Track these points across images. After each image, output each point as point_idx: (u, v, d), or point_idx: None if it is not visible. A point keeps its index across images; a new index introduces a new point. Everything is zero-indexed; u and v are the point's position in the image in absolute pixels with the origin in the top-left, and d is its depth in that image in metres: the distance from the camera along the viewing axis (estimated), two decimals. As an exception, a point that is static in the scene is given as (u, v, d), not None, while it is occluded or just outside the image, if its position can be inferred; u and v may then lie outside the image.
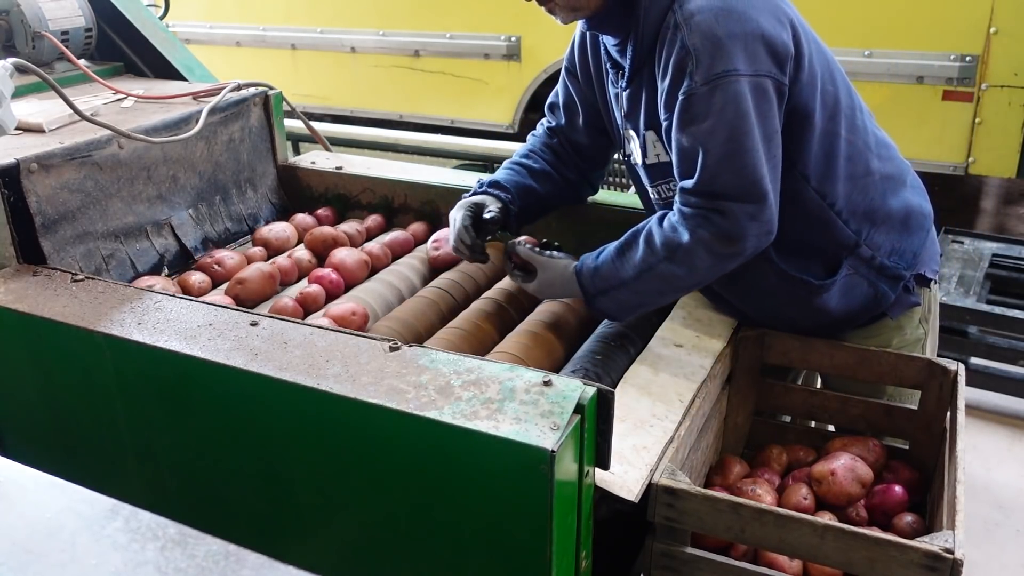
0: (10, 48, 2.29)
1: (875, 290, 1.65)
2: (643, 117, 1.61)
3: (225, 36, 6.14)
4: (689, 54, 1.41)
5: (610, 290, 1.59)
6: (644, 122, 1.61)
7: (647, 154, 1.64)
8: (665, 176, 1.63)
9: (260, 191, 2.28)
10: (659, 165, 1.63)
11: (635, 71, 1.58)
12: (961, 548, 1.18)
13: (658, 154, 1.62)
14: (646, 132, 1.62)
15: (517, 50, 5.14)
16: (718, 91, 1.40)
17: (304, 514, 1.41)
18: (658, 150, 1.61)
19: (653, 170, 1.65)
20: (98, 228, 1.82)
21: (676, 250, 1.50)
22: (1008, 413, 3.10)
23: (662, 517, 1.32)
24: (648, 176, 1.68)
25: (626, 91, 1.63)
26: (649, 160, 1.64)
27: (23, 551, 0.68)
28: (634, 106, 1.63)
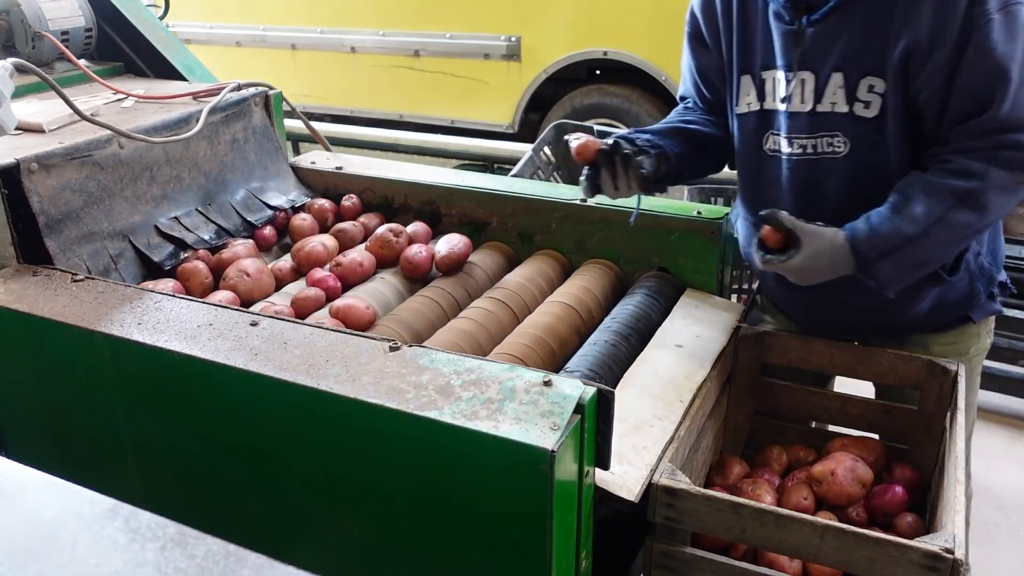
0: (10, 48, 2.29)
1: (972, 288, 1.62)
2: (837, 56, 1.49)
3: (225, 36, 6.14)
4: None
5: (893, 251, 1.45)
6: (835, 63, 1.50)
7: (821, 100, 1.52)
8: (832, 130, 1.52)
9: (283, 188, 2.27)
10: (831, 115, 1.52)
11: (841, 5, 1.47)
12: (961, 548, 1.18)
13: (834, 103, 1.51)
14: (833, 74, 1.50)
15: (517, 50, 5.14)
16: (1012, 16, 1.36)
17: (304, 514, 1.41)
18: (836, 98, 1.51)
19: (819, 120, 1.54)
20: (104, 228, 1.82)
21: (968, 194, 1.40)
22: (1008, 413, 3.10)
23: (662, 517, 1.32)
24: (808, 126, 1.55)
25: (816, 26, 1.50)
26: (822, 107, 1.53)
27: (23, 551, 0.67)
28: (824, 43, 1.50)
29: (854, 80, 1.49)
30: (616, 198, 1.70)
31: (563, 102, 5.18)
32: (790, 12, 1.54)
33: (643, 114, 4.94)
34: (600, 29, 4.90)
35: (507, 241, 2.12)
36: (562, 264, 2.05)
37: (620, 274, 2.01)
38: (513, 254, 2.11)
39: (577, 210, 2.03)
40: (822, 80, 1.52)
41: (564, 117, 4.56)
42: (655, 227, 1.94)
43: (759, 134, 1.64)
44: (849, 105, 1.51)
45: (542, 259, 2.03)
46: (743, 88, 1.65)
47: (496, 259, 2.06)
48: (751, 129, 1.66)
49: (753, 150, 1.66)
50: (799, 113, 1.56)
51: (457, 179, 2.24)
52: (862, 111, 1.50)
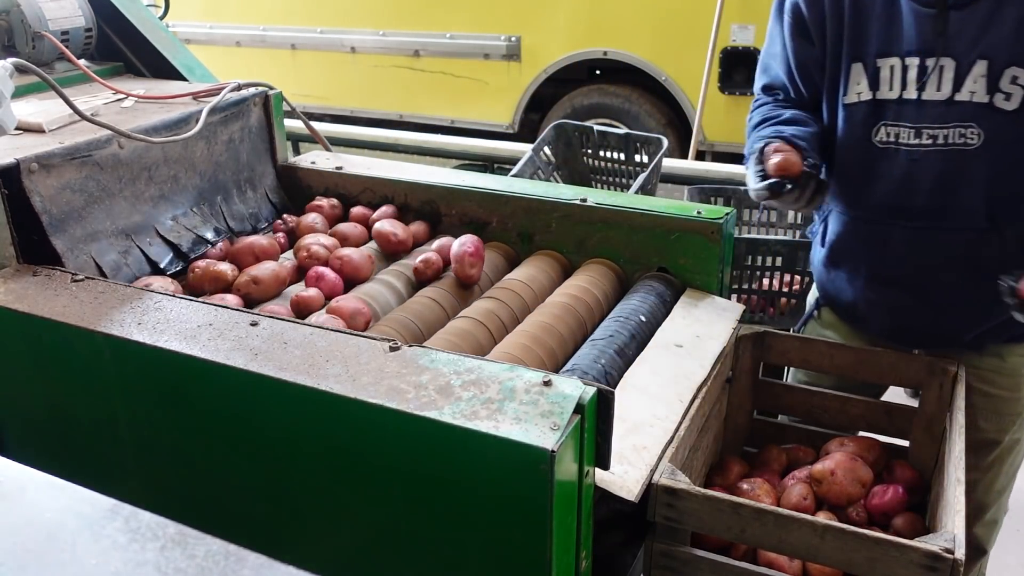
0: (10, 48, 2.29)
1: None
2: (983, 42, 1.43)
3: (225, 36, 6.15)
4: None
5: None
6: (981, 48, 1.43)
7: (960, 89, 1.46)
8: (967, 120, 1.47)
9: (259, 191, 2.28)
10: (967, 105, 1.46)
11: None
12: (961, 548, 1.18)
13: (973, 92, 1.45)
14: (977, 60, 1.44)
15: (517, 50, 5.14)
16: None
17: (304, 514, 1.41)
18: (976, 87, 1.45)
19: (956, 109, 1.47)
20: (107, 227, 1.82)
21: None
22: (1008, 413, 3.09)
23: (662, 517, 1.32)
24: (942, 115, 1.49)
25: (960, 10, 1.44)
26: (960, 96, 1.47)
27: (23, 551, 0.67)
28: (967, 29, 1.44)
29: (999, 69, 1.43)
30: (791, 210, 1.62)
31: (563, 102, 5.19)
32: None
33: (643, 114, 4.94)
34: (600, 29, 4.90)
35: (507, 241, 2.12)
36: (562, 264, 2.05)
37: (620, 274, 2.01)
38: (513, 254, 2.11)
39: (577, 210, 2.03)
40: (964, 67, 1.46)
41: (564, 117, 4.56)
42: (655, 227, 1.94)
43: (868, 126, 1.58)
44: (990, 95, 1.45)
45: (542, 259, 2.03)
46: (853, 77, 1.58)
47: (496, 259, 2.06)
48: (859, 121, 1.59)
49: (861, 142, 1.60)
50: (932, 102, 1.49)
51: (457, 179, 2.24)
52: (1002, 103, 1.44)
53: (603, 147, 3.44)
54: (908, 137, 1.53)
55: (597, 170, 3.50)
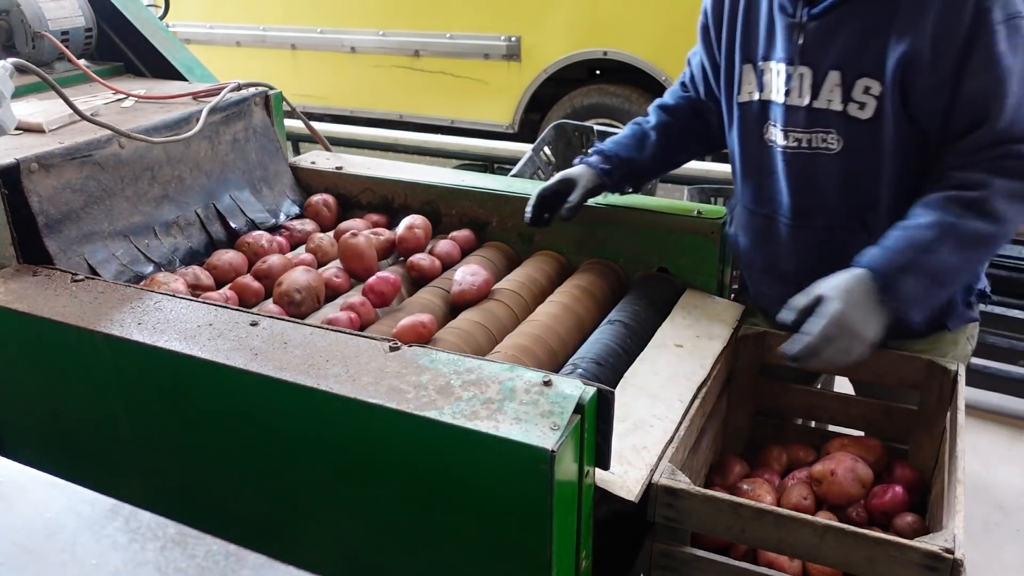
0: (10, 48, 2.29)
1: (951, 299, 1.62)
2: (834, 54, 1.49)
3: (225, 36, 6.15)
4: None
5: (911, 264, 1.37)
6: (833, 60, 1.50)
7: (818, 96, 1.52)
8: (827, 126, 1.53)
9: (276, 189, 2.27)
10: (826, 112, 1.52)
11: (840, 3, 1.47)
12: (961, 548, 1.18)
13: (830, 100, 1.51)
14: (830, 72, 1.50)
15: (517, 50, 5.14)
16: (1018, 31, 1.36)
17: (304, 514, 1.41)
18: (832, 96, 1.50)
19: (815, 115, 1.53)
20: (104, 228, 1.82)
21: (974, 203, 1.38)
22: (1008, 413, 3.10)
23: (662, 517, 1.32)
24: (805, 120, 1.55)
25: (816, 21, 1.51)
26: (818, 104, 1.53)
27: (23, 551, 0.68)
28: (822, 40, 1.50)
29: (850, 79, 1.49)
30: None
31: (563, 102, 5.18)
32: (793, 5, 1.54)
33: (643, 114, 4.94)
34: (600, 29, 4.90)
35: (507, 241, 2.12)
36: (562, 264, 2.05)
37: (620, 274, 2.01)
38: (513, 254, 2.11)
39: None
40: (819, 76, 1.52)
41: (564, 117, 4.56)
42: (655, 227, 1.94)
43: (760, 123, 1.65)
44: (844, 104, 1.50)
45: (542, 259, 2.03)
46: (745, 77, 1.66)
47: (496, 259, 2.06)
48: (753, 119, 1.66)
49: (755, 140, 1.66)
50: (796, 107, 1.56)
51: (457, 179, 2.24)
52: (856, 112, 1.49)
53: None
54: (780, 138, 1.60)
55: (597, 170, 3.49)
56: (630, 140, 1.90)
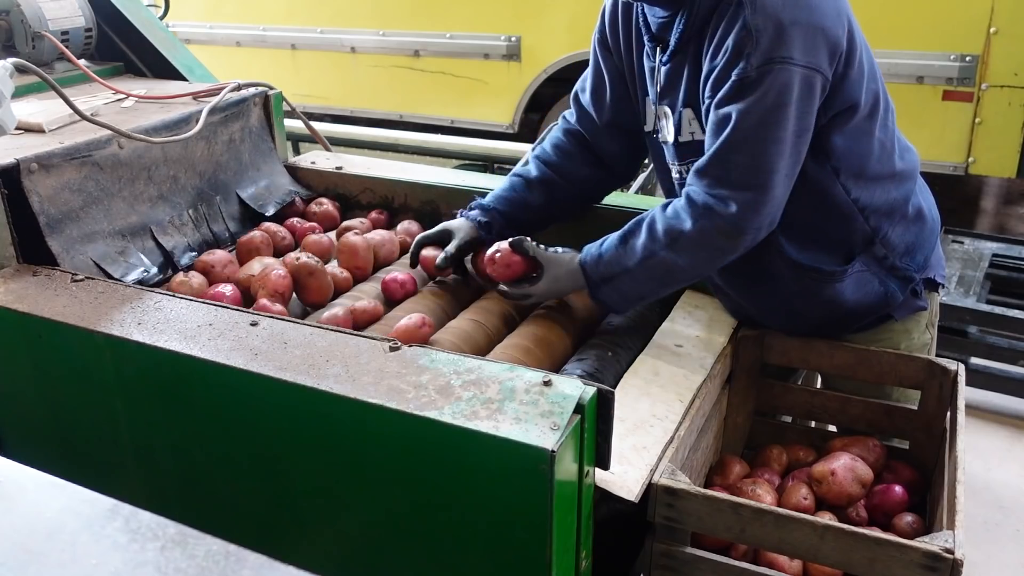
0: (10, 48, 2.29)
1: (885, 289, 1.64)
2: (682, 94, 1.58)
3: (225, 36, 6.14)
4: (750, 34, 1.39)
5: (613, 278, 1.58)
6: (683, 99, 1.58)
7: (680, 132, 1.61)
8: (697, 154, 1.59)
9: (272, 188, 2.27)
10: (692, 143, 1.60)
11: (680, 46, 1.55)
12: (961, 548, 1.18)
13: (692, 132, 1.59)
14: (683, 109, 1.58)
15: (517, 50, 5.13)
16: (768, 76, 1.39)
17: (304, 514, 1.41)
18: (693, 128, 1.59)
19: (683, 148, 1.62)
20: (104, 228, 1.82)
21: (677, 239, 1.50)
22: (1008, 413, 3.10)
23: (662, 517, 1.32)
24: (677, 154, 1.64)
25: (666, 66, 1.59)
26: (683, 138, 1.61)
27: (23, 551, 0.67)
28: (673, 82, 1.59)
29: (700, 114, 1.55)
30: None
31: (563, 102, 5.18)
32: (652, 50, 1.62)
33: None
34: (600, 29, 4.90)
35: (507, 241, 2.12)
36: (562, 264, 2.04)
37: (620, 274, 2.00)
38: (513, 254, 2.11)
39: (577, 210, 2.03)
40: (677, 115, 1.60)
41: (564, 117, 4.55)
42: (655, 227, 1.94)
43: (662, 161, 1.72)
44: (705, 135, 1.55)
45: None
46: (648, 109, 1.71)
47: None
48: (657, 146, 1.72)
49: (663, 166, 1.73)
50: (667, 143, 1.65)
51: (457, 179, 2.24)
52: None
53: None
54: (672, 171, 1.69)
55: (597, 170, 3.49)
56: (512, 194, 1.89)
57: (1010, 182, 5.32)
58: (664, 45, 1.58)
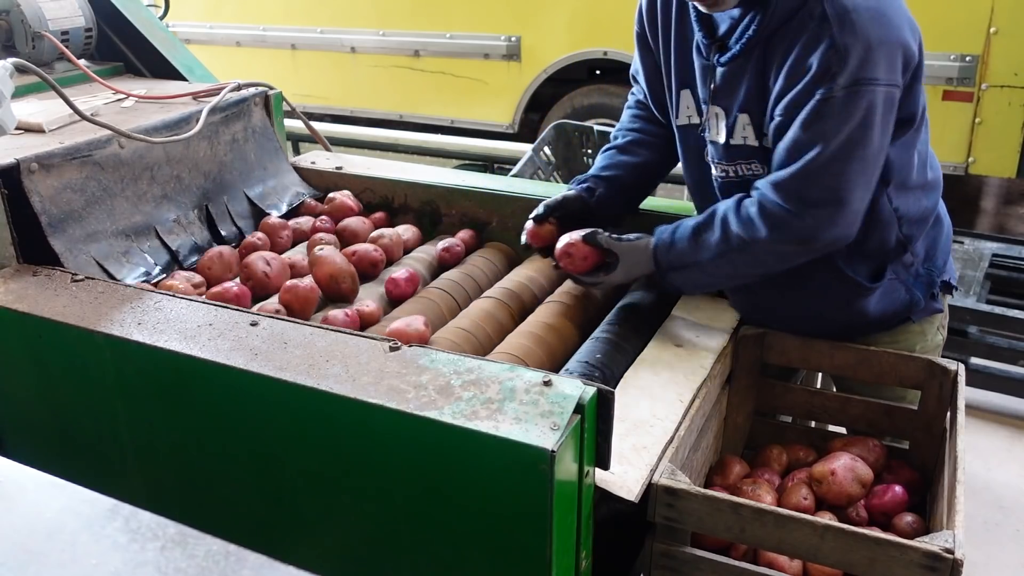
0: (10, 48, 2.29)
1: (910, 296, 1.66)
2: (741, 98, 1.55)
3: (225, 36, 6.14)
4: (838, 53, 1.37)
5: (683, 268, 1.62)
6: (740, 104, 1.56)
7: (733, 135, 1.59)
8: (748, 158, 1.60)
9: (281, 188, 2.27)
10: (743, 147, 1.59)
11: (745, 50, 1.51)
12: (961, 548, 1.18)
13: (745, 136, 1.58)
14: (739, 114, 1.57)
15: (517, 50, 5.13)
16: (856, 97, 1.38)
17: (304, 514, 1.41)
18: (747, 132, 1.57)
19: (734, 151, 1.61)
20: (107, 228, 1.82)
21: (751, 245, 1.51)
22: (1008, 413, 3.10)
23: (662, 517, 1.32)
24: (725, 155, 1.63)
25: (723, 67, 1.56)
26: (734, 141, 1.59)
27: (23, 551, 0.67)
28: (731, 85, 1.56)
29: (758, 119, 1.55)
30: None
31: (563, 102, 5.18)
32: (707, 48, 1.59)
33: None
34: (600, 29, 4.90)
35: (507, 241, 2.12)
36: (562, 264, 2.04)
37: (620, 274, 2.00)
38: (513, 254, 2.11)
39: (577, 210, 2.03)
40: (731, 119, 1.58)
41: (564, 117, 4.56)
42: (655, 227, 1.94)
43: (701, 144, 1.69)
44: (759, 140, 1.56)
45: (542, 259, 2.03)
46: (683, 101, 1.69)
47: (496, 259, 2.06)
48: (693, 140, 1.70)
49: (696, 159, 1.72)
50: (716, 142, 1.63)
51: (457, 179, 2.24)
52: (770, 143, 1.54)
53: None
54: (713, 169, 1.68)
55: (597, 170, 3.49)
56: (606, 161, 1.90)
57: (1010, 182, 5.31)
58: (721, 45, 1.56)
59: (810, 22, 1.41)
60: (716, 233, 1.56)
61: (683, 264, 1.61)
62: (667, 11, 1.68)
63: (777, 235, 1.48)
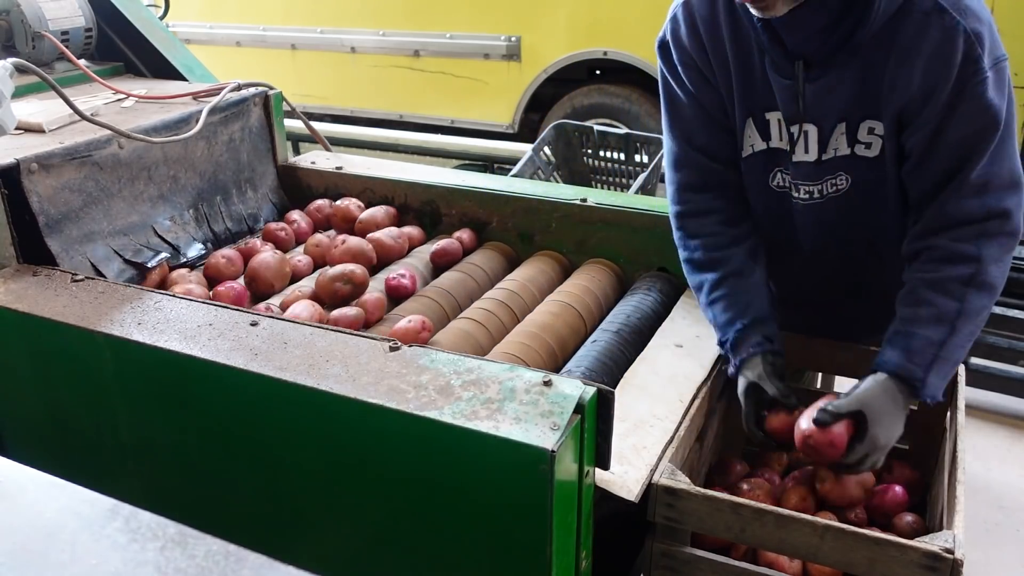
0: (10, 48, 2.29)
1: None
2: (840, 108, 1.48)
3: (225, 36, 6.14)
4: (971, 38, 1.35)
5: (934, 362, 1.40)
6: (839, 113, 1.48)
7: (825, 149, 1.52)
8: (836, 171, 1.53)
9: (260, 191, 2.28)
10: (834, 160, 1.52)
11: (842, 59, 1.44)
12: (961, 548, 1.18)
13: (836, 148, 1.51)
14: (838, 124, 1.49)
15: (517, 50, 5.13)
16: (1002, 75, 1.37)
17: (304, 514, 1.41)
18: (839, 144, 1.50)
19: (825, 166, 1.53)
20: (104, 228, 1.82)
21: (972, 278, 1.39)
22: (1008, 413, 3.10)
23: (662, 517, 1.32)
24: (814, 173, 1.54)
25: (815, 82, 1.46)
26: (826, 156, 1.52)
27: (23, 551, 0.67)
28: (825, 97, 1.47)
29: (855, 125, 1.49)
30: None
31: (563, 102, 5.18)
32: (788, 66, 1.47)
33: (643, 114, 4.94)
34: (600, 29, 4.90)
35: (507, 241, 2.12)
36: (562, 264, 2.05)
37: (620, 274, 2.01)
38: (513, 254, 2.11)
39: (577, 210, 2.03)
40: (826, 132, 1.51)
41: (564, 117, 4.56)
42: (655, 227, 1.94)
43: (766, 172, 1.61)
44: (851, 147, 1.51)
45: (542, 259, 2.03)
46: (747, 131, 1.59)
47: (496, 259, 2.06)
48: (758, 170, 1.61)
49: (762, 188, 1.63)
50: (803, 163, 1.54)
51: (457, 179, 2.24)
52: (863, 151, 1.50)
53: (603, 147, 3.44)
54: (792, 190, 1.60)
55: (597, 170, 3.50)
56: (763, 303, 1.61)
57: (1010, 182, 5.31)
58: (808, 62, 1.46)
59: (925, 17, 1.37)
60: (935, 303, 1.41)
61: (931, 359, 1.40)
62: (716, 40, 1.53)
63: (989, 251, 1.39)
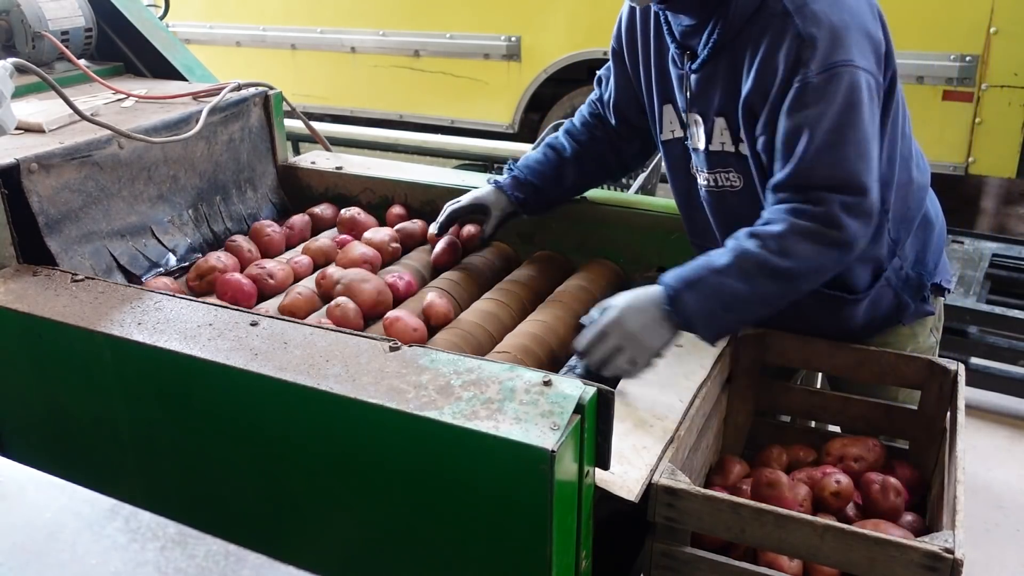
0: (10, 48, 2.29)
1: (899, 300, 1.66)
2: (716, 102, 1.55)
3: (225, 36, 6.14)
4: (804, 42, 1.38)
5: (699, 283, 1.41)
6: (716, 107, 1.56)
7: (711, 140, 1.59)
8: (726, 166, 1.59)
9: (260, 191, 2.28)
10: (722, 153, 1.58)
11: (713, 54, 1.52)
12: (961, 548, 1.18)
13: (723, 142, 1.57)
14: (716, 119, 1.56)
15: (517, 50, 5.13)
16: (834, 79, 1.37)
17: (304, 514, 1.41)
18: (724, 138, 1.57)
19: (714, 157, 1.60)
20: (103, 228, 1.82)
21: (772, 238, 1.40)
22: (1008, 413, 3.10)
23: (662, 517, 1.32)
24: (707, 162, 1.61)
25: (696, 74, 1.56)
26: (713, 147, 1.59)
27: (23, 551, 0.67)
28: (705, 90, 1.56)
29: (734, 123, 1.54)
30: None
31: (563, 102, 5.18)
32: (680, 58, 1.60)
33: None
34: (600, 29, 4.90)
35: (507, 241, 2.12)
36: (562, 264, 2.05)
37: (620, 274, 2.01)
38: (513, 254, 2.11)
39: (577, 210, 2.03)
40: (709, 123, 1.58)
41: (564, 117, 4.55)
42: (655, 227, 1.94)
43: (686, 160, 1.69)
44: (735, 145, 1.56)
45: (542, 259, 2.03)
46: (666, 116, 1.70)
47: (496, 259, 2.06)
48: (678, 154, 1.71)
49: (682, 175, 1.72)
50: (698, 150, 1.63)
51: (457, 179, 2.24)
52: (746, 150, 1.55)
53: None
54: (699, 178, 1.67)
55: (597, 170, 3.48)
56: (548, 170, 1.91)
57: (1010, 182, 5.31)
58: (692, 53, 1.56)
59: (772, 19, 1.42)
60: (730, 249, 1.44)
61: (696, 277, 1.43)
62: (645, 29, 1.71)
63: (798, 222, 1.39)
